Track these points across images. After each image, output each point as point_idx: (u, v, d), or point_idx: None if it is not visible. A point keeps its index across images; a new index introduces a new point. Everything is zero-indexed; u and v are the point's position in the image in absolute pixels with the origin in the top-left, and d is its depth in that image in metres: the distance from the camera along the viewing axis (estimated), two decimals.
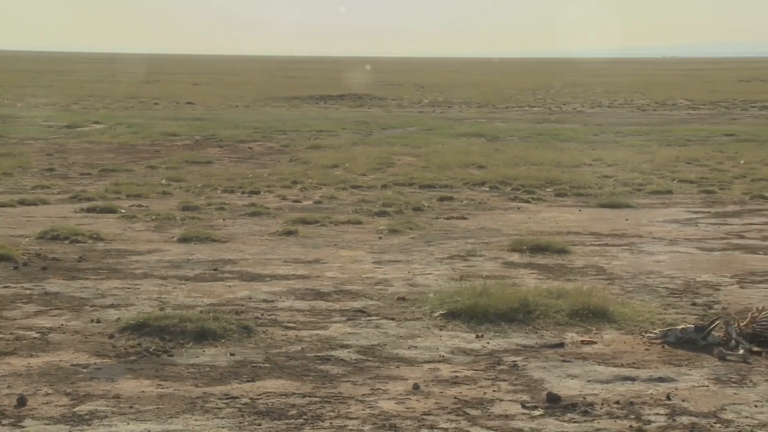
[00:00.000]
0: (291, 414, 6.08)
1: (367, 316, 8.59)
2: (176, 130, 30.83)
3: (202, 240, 12.36)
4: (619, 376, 6.88)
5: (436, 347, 7.62)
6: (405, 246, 12.23)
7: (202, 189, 17.78)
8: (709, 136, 30.77)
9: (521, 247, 11.81)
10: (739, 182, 19.27)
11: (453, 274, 10.41)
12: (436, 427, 5.88)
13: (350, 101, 53.42)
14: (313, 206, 15.97)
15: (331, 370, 7.01)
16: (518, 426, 5.89)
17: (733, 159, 23.48)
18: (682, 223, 14.32)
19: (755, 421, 6.00)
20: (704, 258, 11.51)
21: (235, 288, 9.71)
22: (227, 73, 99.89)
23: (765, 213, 15.42)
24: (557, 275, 10.42)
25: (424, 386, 6.63)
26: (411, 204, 15.86)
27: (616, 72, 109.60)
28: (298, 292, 9.54)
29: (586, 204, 16.41)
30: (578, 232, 13.39)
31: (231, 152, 25.28)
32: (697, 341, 7.63)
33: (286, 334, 7.99)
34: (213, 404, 6.24)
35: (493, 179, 19.13)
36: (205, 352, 7.43)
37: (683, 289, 9.79)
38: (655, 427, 5.90)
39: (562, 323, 8.28)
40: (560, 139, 29.48)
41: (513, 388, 6.63)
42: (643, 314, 8.59)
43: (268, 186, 18.26)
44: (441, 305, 8.63)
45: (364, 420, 5.97)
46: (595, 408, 6.20)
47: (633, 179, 19.45)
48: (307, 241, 12.60)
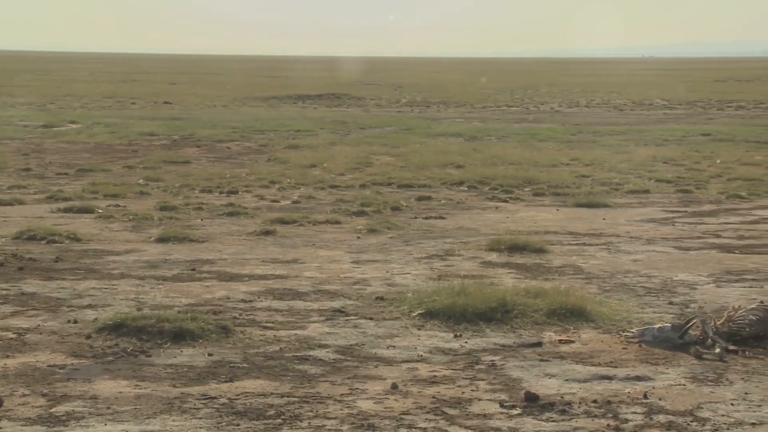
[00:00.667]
0: (269, 414, 6.07)
1: (346, 316, 8.59)
2: (154, 129, 30.73)
3: (179, 240, 12.33)
4: (596, 375, 6.90)
5: (414, 347, 7.63)
6: (383, 246, 12.24)
7: (180, 189, 17.73)
8: (685, 135, 30.93)
9: (499, 247, 11.84)
10: (716, 182, 19.38)
11: (431, 274, 10.42)
12: (414, 426, 5.88)
13: (328, 101, 53.40)
14: (291, 206, 15.95)
15: (309, 370, 7.00)
16: (496, 425, 5.91)
17: (709, 158, 23.61)
18: (659, 223, 14.39)
19: (731, 419, 6.04)
20: (681, 257, 11.57)
21: (213, 288, 9.68)
22: (205, 73, 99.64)
23: (741, 212, 15.51)
24: (535, 275, 10.45)
25: (403, 386, 6.63)
26: (389, 204, 15.87)
27: (593, 72, 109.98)
28: (276, 292, 9.53)
29: (563, 203, 16.46)
30: (556, 232, 13.43)
31: (209, 152, 25.22)
32: (674, 340, 7.67)
33: (264, 334, 7.97)
34: (191, 404, 6.22)
35: (471, 179, 19.16)
36: (183, 352, 7.41)
37: (660, 288, 9.84)
38: (632, 425, 5.92)
39: (540, 322, 8.31)
40: (538, 138, 29.57)
41: (491, 387, 6.64)
42: (620, 313, 8.63)
43: (246, 186, 18.23)
44: (419, 305, 8.64)
45: (342, 420, 5.97)
46: (573, 407, 6.22)
47: (610, 179, 19.52)
48: (285, 240, 12.59)
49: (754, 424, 5.96)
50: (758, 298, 8.92)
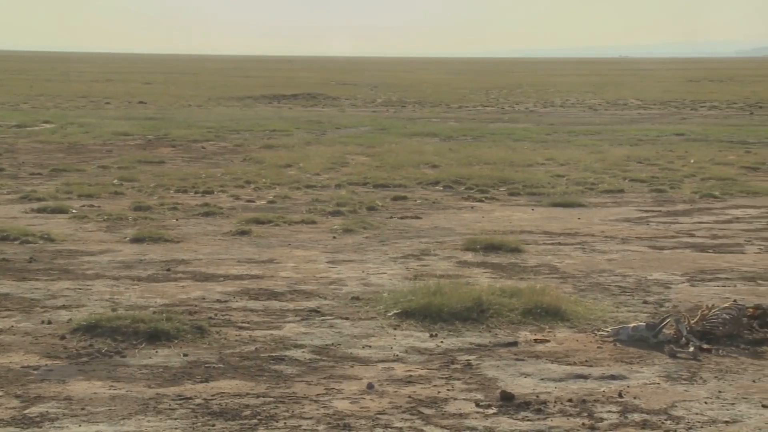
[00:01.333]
0: (245, 414, 6.06)
1: (321, 316, 8.59)
2: (128, 129, 30.59)
3: (154, 240, 12.28)
4: (571, 374, 6.93)
5: (390, 347, 7.63)
6: (359, 245, 12.24)
7: (155, 189, 17.66)
8: (659, 135, 31.08)
9: (475, 247, 11.86)
10: (689, 181, 19.48)
11: (407, 274, 10.43)
12: (390, 426, 5.89)
13: (304, 101, 53.33)
14: (267, 206, 15.92)
15: (285, 370, 7.00)
16: (472, 425, 5.92)
17: (683, 158, 23.73)
18: (634, 222, 14.45)
19: (705, 417, 6.08)
20: (655, 256, 11.63)
21: (188, 288, 9.65)
22: (180, 73, 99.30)
23: (714, 211, 15.61)
24: (510, 274, 10.48)
25: (379, 386, 6.64)
26: (365, 203, 15.86)
27: (568, 72, 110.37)
28: (252, 292, 9.51)
29: (538, 203, 16.51)
30: (531, 231, 13.47)
31: (184, 152, 25.13)
32: (648, 339, 7.71)
33: (240, 334, 7.96)
34: (166, 405, 6.20)
35: (446, 178, 19.19)
36: (158, 352, 7.38)
37: (635, 288, 9.89)
38: (607, 424, 5.95)
39: (516, 322, 8.33)
40: (513, 138, 29.64)
41: (467, 386, 6.65)
42: (595, 312, 8.67)
43: (221, 186, 18.18)
44: (395, 305, 8.64)
45: (318, 420, 5.97)
46: (548, 406, 6.24)
47: (585, 178, 19.59)
48: (261, 240, 12.57)
49: (728, 422, 6.00)
50: (731, 297, 8.99)
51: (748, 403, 6.35)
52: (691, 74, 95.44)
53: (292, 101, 52.80)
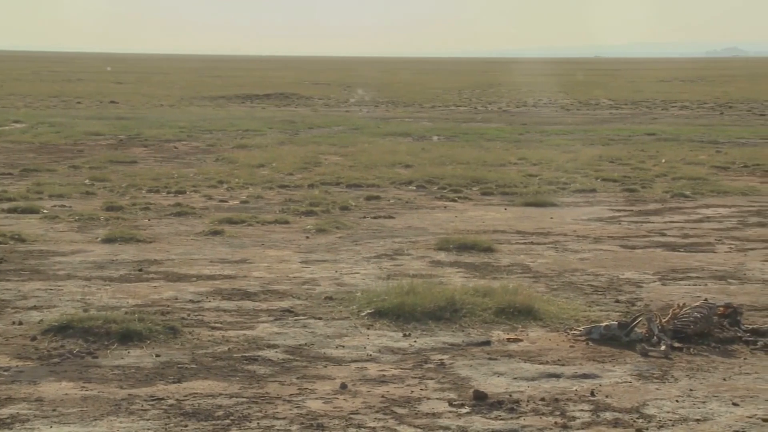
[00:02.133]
0: (218, 415, 6.04)
1: (295, 316, 8.57)
2: (100, 129, 30.43)
3: (126, 240, 12.22)
4: (544, 373, 6.95)
5: (363, 346, 7.64)
6: (332, 245, 12.23)
7: (127, 189, 17.58)
8: (631, 135, 31.24)
9: (448, 246, 11.88)
10: (661, 181, 19.58)
11: (380, 273, 10.43)
12: (363, 426, 5.89)
13: (277, 100, 53.23)
14: (240, 206, 15.88)
15: (258, 371, 6.98)
16: (445, 424, 5.93)
17: (654, 158, 23.85)
18: (606, 221, 14.52)
19: (676, 415, 6.12)
20: (627, 255, 11.68)
21: (160, 288, 9.62)
22: (152, 72, 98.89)
23: (686, 211, 15.70)
24: (483, 274, 10.50)
25: (352, 385, 6.64)
26: (338, 203, 15.86)
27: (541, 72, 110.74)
28: (225, 292, 9.49)
29: (511, 203, 16.55)
30: (504, 231, 13.51)
31: (156, 152, 25.03)
32: (620, 338, 7.75)
33: (213, 334, 7.94)
34: (138, 406, 6.18)
35: (419, 178, 19.20)
36: (130, 353, 7.35)
37: (607, 287, 9.93)
38: (579, 423, 5.97)
39: (489, 321, 8.35)
40: (486, 138, 29.70)
41: (440, 386, 6.66)
42: (567, 312, 8.70)
43: (193, 186, 18.12)
44: (368, 304, 8.65)
45: (291, 420, 5.96)
46: (521, 405, 6.26)
47: (557, 178, 19.66)
48: (234, 240, 12.54)
49: (699, 420, 6.04)
50: (702, 296, 9.05)
51: (719, 401, 6.39)
52: (662, 74, 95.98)
53: (265, 101, 52.70)
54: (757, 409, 6.22)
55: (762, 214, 15.34)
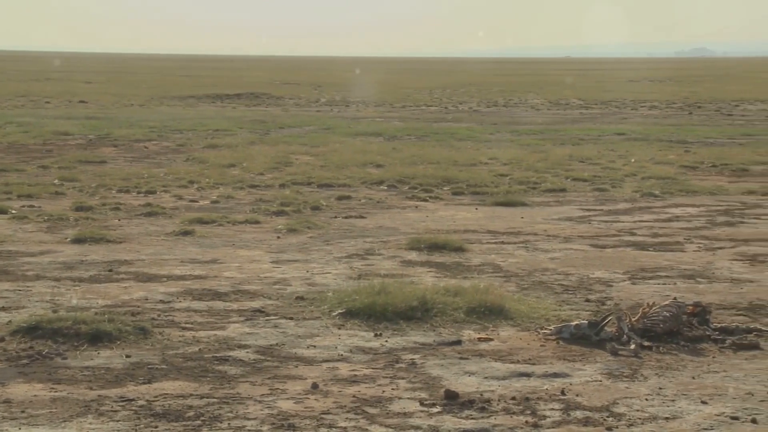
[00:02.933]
0: (188, 415, 6.02)
1: (266, 316, 8.56)
2: (69, 129, 30.25)
3: (96, 241, 12.16)
4: (515, 373, 6.98)
5: (334, 346, 7.63)
6: (303, 245, 12.21)
7: (97, 189, 17.48)
8: (600, 135, 31.39)
9: (419, 246, 11.90)
10: (630, 180, 19.69)
11: (351, 273, 10.43)
12: (334, 426, 5.89)
13: (247, 100, 53.11)
14: (210, 206, 15.83)
15: (229, 371, 6.97)
16: (416, 423, 5.94)
17: (624, 157, 23.98)
18: (576, 221, 14.58)
19: (646, 414, 6.15)
20: (597, 255, 11.74)
21: (130, 289, 9.57)
22: (121, 72, 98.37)
23: (655, 210, 15.80)
24: (454, 273, 10.53)
25: (323, 385, 6.63)
26: (309, 203, 15.84)
27: (510, 72, 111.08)
28: (196, 293, 9.46)
29: (482, 202, 16.59)
30: (475, 230, 13.54)
31: (126, 152, 24.91)
32: (590, 337, 7.79)
33: (183, 334, 7.91)
34: (108, 407, 6.15)
35: (390, 178, 19.22)
36: (100, 354, 7.31)
37: (577, 286, 9.98)
38: (550, 422, 6.00)
39: (460, 321, 8.37)
40: (457, 138, 29.76)
41: (411, 385, 6.67)
42: (538, 311, 8.73)
43: (164, 186, 18.04)
44: (339, 304, 8.64)
45: (262, 420, 5.95)
46: (492, 404, 6.28)
47: (528, 177, 19.73)
48: (205, 241, 12.50)
49: (668, 418, 6.08)
50: (672, 295, 9.11)
51: (688, 399, 6.44)
52: (632, 74, 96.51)
53: (235, 101, 52.56)
54: (725, 407, 6.28)
55: (730, 213, 15.47)
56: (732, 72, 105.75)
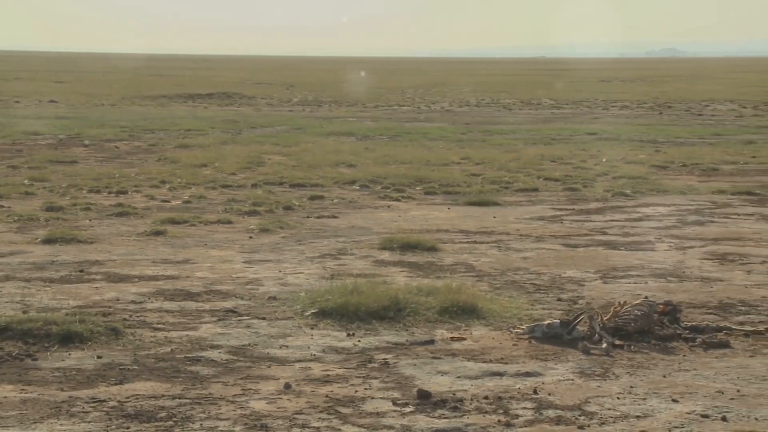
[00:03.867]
0: (160, 416, 6.00)
1: (238, 316, 8.54)
2: (39, 128, 30.05)
3: (67, 241, 12.09)
4: (487, 372, 7.00)
5: (307, 346, 7.63)
6: (276, 245, 12.19)
7: (67, 189, 17.38)
8: (572, 135, 31.51)
9: (391, 246, 11.90)
10: (602, 180, 19.78)
11: (324, 273, 10.42)
12: (307, 426, 5.88)
13: (219, 100, 52.95)
14: (182, 206, 15.77)
15: (201, 371, 6.94)
16: (389, 423, 5.94)
17: (595, 157, 24.09)
18: (548, 220, 14.63)
19: (617, 412, 6.19)
20: (569, 254, 11.79)
21: (102, 289, 9.52)
22: (92, 71, 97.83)
23: (626, 210, 15.88)
24: (427, 273, 10.54)
25: (296, 385, 6.62)
26: (281, 203, 15.81)
27: (482, 71, 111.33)
28: (167, 293, 9.42)
29: (454, 202, 16.62)
30: (447, 230, 13.56)
31: (97, 151, 24.77)
32: (562, 336, 7.82)
33: (155, 335, 7.88)
34: (79, 408, 6.11)
35: (363, 178, 19.22)
36: (71, 355, 7.27)
37: (549, 285, 10.01)
38: (522, 421, 6.02)
39: (432, 320, 8.38)
40: (429, 137, 29.80)
41: (384, 385, 6.68)
42: (510, 310, 8.76)
43: (135, 186, 17.96)
44: (312, 304, 8.64)
45: (235, 421, 5.94)
46: (465, 403, 6.30)
47: (500, 177, 19.78)
48: (176, 241, 12.45)
49: (639, 416, 6.11)
50: (643, 294, 9.16)
51: (659, 397, 6.48)
52: (603, 74, 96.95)
53: (207, 100, 52.40)
54: (695, 405, 6.32)
55: (700, 212, 15.57)
56: (701, 72, 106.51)
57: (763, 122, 37.95)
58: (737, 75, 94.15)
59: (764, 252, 11.98)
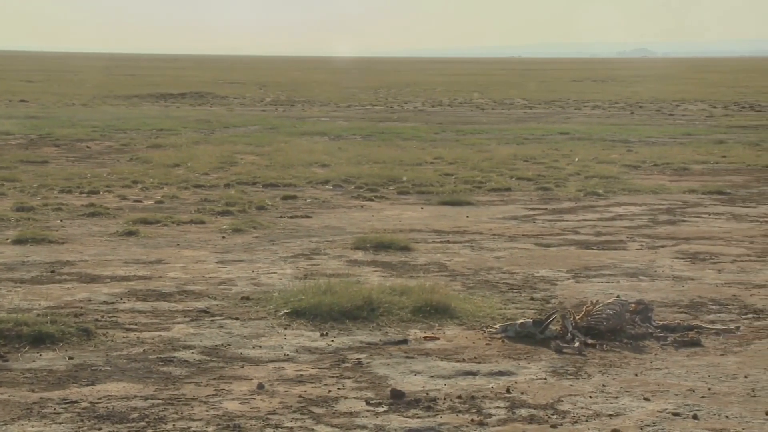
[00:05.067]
0: (133, 417, 5.97)
1: (211, 316, 8.51)
2: (9, 128, 29.83)
3: (38, 241, 12.01)
4: (461, 371, 7.01)
5: (280, 346, 7.62)
6: (249, 245, 12.17)
7: (38, 189, 17.26)
8: (545, 134, 31.61)
9: (365, 245, 11.90)
10: (574, 179, 19.85)
11: (297, 273, 10.41)
12: (280, 426, 5.87)
13: (191, 99, 52.75)
14: (155, 206, 15.71)
15: (174, 372, 6.92)
16: (363, 423, 5.94)
17: (567, 157, 24.17)
18: (521, 220, 14.68)
19: (590, 411, 6.21)
20: (541, 254, 11.83)
21: (73, 290, 9.47)
22: (63, 71, 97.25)
23: (598, 209, 15.95)
24: (400, 272, 10.55)
25: (269, 386, 6.61)
26: (254, 203, 15.78)
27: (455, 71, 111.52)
28: (140, 293, 9.38)
29: (428, 202, 16.64)
30: (420, 230, 13.58)
31: (68, 151, 24.63)
32: (535, 335, 7.84)
33: (128, 336, 7.84)
34: (51, 409, 6.08)
35: (336, 178, 19.21)
36: (43, 356, 7.23)
37: (522, 285, 10.04)
38: (495, 420, 6.03)
39: (406, 320, 8.39)
40: (402, 137, 29.81)
41: (357, 385, 6.68)
42: (484, 310, 8.78)
43: (107, 186, 17.87)
44: (285, 304, 8.62)
45: (208, 421, 5.92)
46: (438, 403, 6.31)
47: (473, 177, 19.81)
48: (149, 241, 12.40)
49: (611, 415, 6.14)
50: (615, 293, 9.21)
51: (631, 396, 6.51)
52: (575, 74, 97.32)
53: (179, 100, 52.19)
54: (667, 403, 6.36)
55: (672, 212, 15.66)
56: (671, 72, 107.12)
57: (733, 122, 38.23)
58: (707, 75, 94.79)
59: (735, 251, 12.07)
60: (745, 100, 53.10)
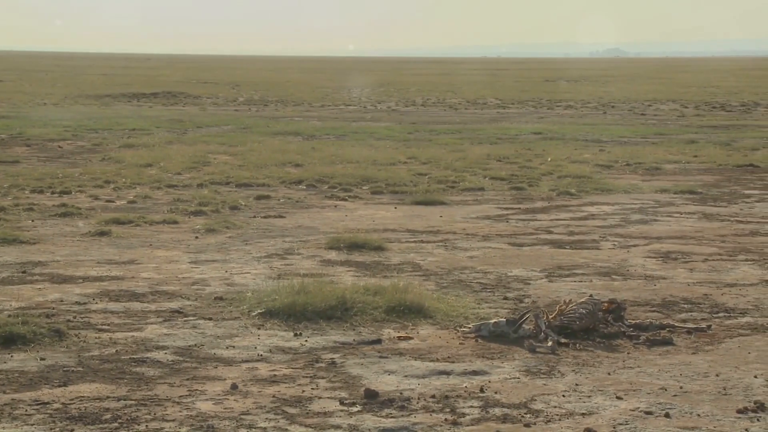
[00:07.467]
0: (105, 418, 5.95)
1: (184, 317, 8.49)
2: None
3: (9, 242, 11.93)
4: (434, 371, 7.02)
5: (254, 346, 7.60)
6: (222, 245, 12.13)
7: (9, 189, 17.15)
8: (518, 134, 31.70)
9: (338, 245, 11.90)
10: (547, 179, 19.92)
11: (271, 273, 10.39)
12: (254, 426, 5.86)
13: (164, 99, 52.55)
14: (127, 206, 15.64)
15: (146, 372, 6.89)
16: (336, 423, 5.94)
17: (540, 157, 24.25)
18: (494, 219, 14.72)
19: (563, 410, 6.24)
20: (515, 253, 11.86)
21: (45, 291, 9.41)
22: (34, 70, 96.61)
23: (571, 209, 16.02)
24: (374, 272, 10.55)
25: (243, 386, 6.60)
26: (228, 203, 15.74)
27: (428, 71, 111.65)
28: (112, 294, 9.34)
29: (401, 201, 16.65)
30: (394, 230, 13.58)
31: (39, 151, 24.47)
32: (508, 334, 7.87)
33: (100, 336, 7.81)
34: (22, 411, 6.04)
35: (309, 177, 19.19)
36: (14, 357, 7.18)
37: (495, 284, 10.07)
38: (469, 419, 6.05)
39: (380, 320, 8.39)
40: (376, 137, 29.81)
41: (331, 385, 6.68)
42: (457, 309, 8.79)
43: (79, 186, 17.77)
44: (259, 304, 8.61)
45: (181, 422, 5.90)
46: (412, 402, 6.32)
47: (446, 177, 19.85)
48: (121, 241, 12.34)
49: (584, 414, 6.17)
50: (587, 292, 9.24)
51: (604, 395, 6.54)
52: (548, 74, 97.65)
53: (152, 99, 51.98)
54: (639, 402, 6.39)
55: (644, 211, 15.75)
56: (643, 72, 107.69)
57: (705, 122, 38.48)
58: (679, 75, 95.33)
59: (706, 250, 12.15)
60: (716, 100, 53.47)
